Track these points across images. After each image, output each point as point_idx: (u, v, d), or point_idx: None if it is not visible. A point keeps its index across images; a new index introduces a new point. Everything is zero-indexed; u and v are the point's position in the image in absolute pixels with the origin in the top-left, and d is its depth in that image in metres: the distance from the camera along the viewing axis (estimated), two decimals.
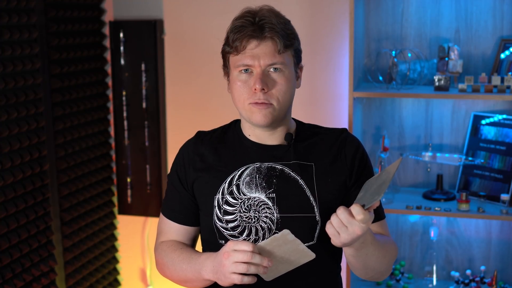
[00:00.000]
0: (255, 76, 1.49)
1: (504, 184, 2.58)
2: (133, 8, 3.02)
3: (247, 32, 1.48)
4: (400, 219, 2.82)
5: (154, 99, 3.00)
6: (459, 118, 2.72)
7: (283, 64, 1.50)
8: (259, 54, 1.48)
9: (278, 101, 1.50)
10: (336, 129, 1.65)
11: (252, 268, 1.33)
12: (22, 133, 2.38)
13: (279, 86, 1.50)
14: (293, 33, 1.53)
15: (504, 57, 2.56)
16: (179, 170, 1.62)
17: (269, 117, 1.51)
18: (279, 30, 1.48)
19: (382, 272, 1.56)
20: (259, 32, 1.48)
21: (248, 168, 1.56)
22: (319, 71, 2.79)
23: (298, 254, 1.37)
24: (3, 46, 2.26)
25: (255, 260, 1.32)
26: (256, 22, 1.49)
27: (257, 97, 1.49)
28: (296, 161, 1.55)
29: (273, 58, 1.48)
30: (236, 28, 1.50)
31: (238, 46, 1.49)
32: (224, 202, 1.55)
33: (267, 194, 1.53)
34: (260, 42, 1.48)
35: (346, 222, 1.33)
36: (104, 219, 3.04)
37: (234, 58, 1.52)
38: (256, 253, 1.33)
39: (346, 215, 1.32)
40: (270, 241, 1.35)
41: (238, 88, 1.52)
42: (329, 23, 2.77)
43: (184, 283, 1.59)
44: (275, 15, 1.51)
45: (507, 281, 2.74)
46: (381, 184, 1.32)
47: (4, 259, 2.27)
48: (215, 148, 1.61)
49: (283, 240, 1.35)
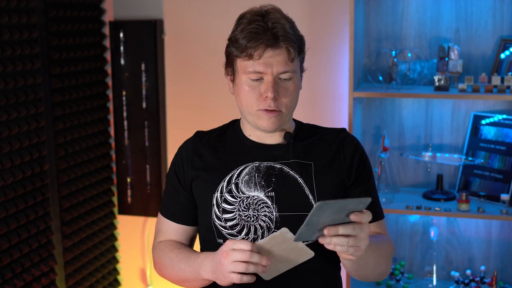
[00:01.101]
0: (266, 84, 1.48)
1: (504, 184, 2.58)
2: (133, 8, 3.02)
3: (263, 41, 1.45)
4: (400, 219, 2.82)
5: (154, 99, 3.00)
6: (459, 118, 2.72)
7: (294, 72, 1.50)
8: (272, 62, 1.47)
9: (287, 108, 1.51)
10: (336, 129, 1.65)
11: (251, 267, 1.33)
12: (22, 133, 2.38)
13: (289, 94, 1.50)
14: (302, 38, 1.53)
15: (504, 57, 2.56)
16: (178, 170, 1.62)
17: (277, 124, 1.52)
18: (293, 38, 1.48)
19: (381, 273, 1.56)
20: (274, 40, 1.46)
21: (247, 167, 1.56)
22: (319, 71, 2.79)
23: (297, 252, 1.37)
24: (3, 46, 2.26)
25: (254, 259, 1.32)
26: (269, 28, 1.46)
27: (267, 105, 1.49)
28: (295, 160, 1.55)
29: (285, 66, 1.48)
30: (250, 35, 1.46)
31: (252, 53, 1.47)
32: (223, 201, 1.55)
33: (266, 192, 1.53)
34: (275, 51, 1.47)
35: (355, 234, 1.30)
36: (104, 219, 3.04)
37: (244, 63, 1.50)
38: (255, 252, 1.32)
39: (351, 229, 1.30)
40: (268, 239, 1.35)
41: (246, 93, 1.51)
42: (329, 23, 2.77)
43: (183, 283, 1.59)
44: (285, 19, 1.50)
45: (507, 281, 2.74)
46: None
47: (4, 259, 2.27)
48: (214, 147, 1.61)
49: (282, 239, 1.34)
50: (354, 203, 1.28)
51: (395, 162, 2.77)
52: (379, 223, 1.60)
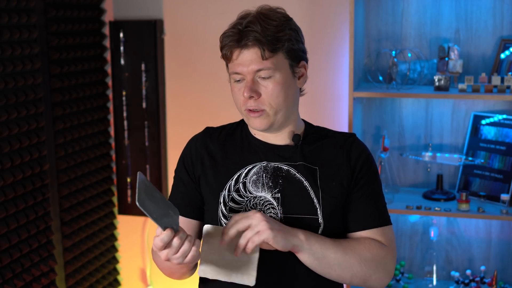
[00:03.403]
0: (244, 84, 1.51)
1: (504, 184, 2.58)
2: (133, 8, 3.02)
3: (230, 41, 1.50)
4: (400, 219, 2.82)
5: (154, 99, 3.00)
6: (459, 118, 2.72)
7: (271, 69, 1.50)
8: (245, 62, 1.50)
9: (270, 106, 1.51)
10: (345, 133, 1.65)
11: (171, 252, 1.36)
12: (22, 133, 2.38)
13: (269, 91, 1.50)
14: (284, 35, 1.50)
15: (504, 57, 2.56)
16: (187, 162, 1.63)
17: (265, 123, 1.53)
18: (263, 36, 1.47)
19: (359, 276, 1.50)
20: (241, 40, 1.49)
21: (256, 166, 1.56)
22: (319, 71, 2.79)
23: (242, 268, 1.42)
24: (3, 46, 2.26)
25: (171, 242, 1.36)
26: (242, 29, 1.49)
27: (248, 105, 1.52)
28: (302, 162, 1.55)
29: (259, 64, 1.49)
30: (225, 38, 1.52)
31: (227, 54, 1.52)
32: (230, 200, 1.55)
33: (273, 194, 1.53)
34: (241, 50, 1.49)
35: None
36: (104, 219, 3.04)
37: (229, 65, 1.55)
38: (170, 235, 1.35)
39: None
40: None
41: (235, 94, 1.55)
42: (329, 23, 2.77)
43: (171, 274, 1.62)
44: (264, 19, 1.50)
45: (507, 281, 2.74)
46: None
47: (4, 259, 2.27)
48: (223, 145, 1.62)
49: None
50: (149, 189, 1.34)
51: (395, 162, 2.77)
52: (380, 230, 1.55)
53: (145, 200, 1.30)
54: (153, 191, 1.35)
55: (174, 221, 1.36)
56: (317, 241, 1.46)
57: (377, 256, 1.51)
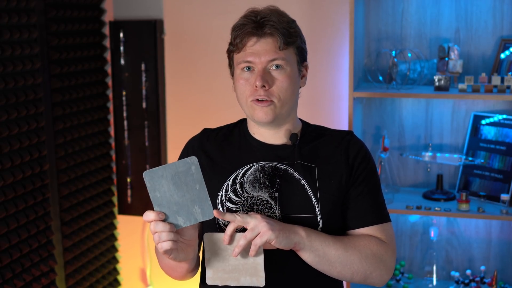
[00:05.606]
0: (256, 73, 1.51)
1: (504, 184, 2.58)
2: (133, 8, 3.02)
3: (247, 29, 1.50)
4: (400, 219, 2.82)
5: (154, 99, 3.00)
6: (459, 118, 2.72)
7: (284, 60, 1.51)
8: (260, 51, 1.50)
9: (279, 98, 1.52)
10: (342, 131, 1.65)
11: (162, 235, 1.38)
12: (22, 133, 2.38)
13: (280, 83, 1.51)
14: (295, 31, 1.55)
15: (504, 57, 2.56)
16: None
17: (271, 114, 1.52)
18: (280, 27, 1.50)
19: (361, 273, 1.50)
20: (259, 29, 1.50)
21: (253, 166, 1.56)
22: (319, 71, 2.79)
23: (249, 269, 1.42)
24: (3, 46, 2.26)
25: (157, 228, 1.38)
26: (257, 20, 1.51)
27: (258, 94, 1.51)
28: (300, 161, 1.55)
29: (274, 54, 1.50)
30: (237, 26, 1.53)
31: (238, 43, 1.52)
32: (227, 200, 1.55)
33: (270, 193, 1.53)
34: (259, 39, 1.51)
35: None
36: (104, 219, 3.04)
37: (236, 56, 1.55)
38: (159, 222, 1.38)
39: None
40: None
41: (240, 85, 1.54)
42: (329, 23, 2.77)
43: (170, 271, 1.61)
44: (278, 14, 1.53)
45: (507, 281, 2.74)
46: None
47: (4, 259, 2.27)
48: (220, 146, 1.62)
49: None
50: (182, 165, 1.33)
51: (395, 162, 2.77)
52: (379, 227, 1.55)
53: (161, 178, 1.30)
54: (194, 180, 1.34)
55: (186, 214, 1.35)
56: (318, 238, 1.46)
57: (377, 252, 1.52)
